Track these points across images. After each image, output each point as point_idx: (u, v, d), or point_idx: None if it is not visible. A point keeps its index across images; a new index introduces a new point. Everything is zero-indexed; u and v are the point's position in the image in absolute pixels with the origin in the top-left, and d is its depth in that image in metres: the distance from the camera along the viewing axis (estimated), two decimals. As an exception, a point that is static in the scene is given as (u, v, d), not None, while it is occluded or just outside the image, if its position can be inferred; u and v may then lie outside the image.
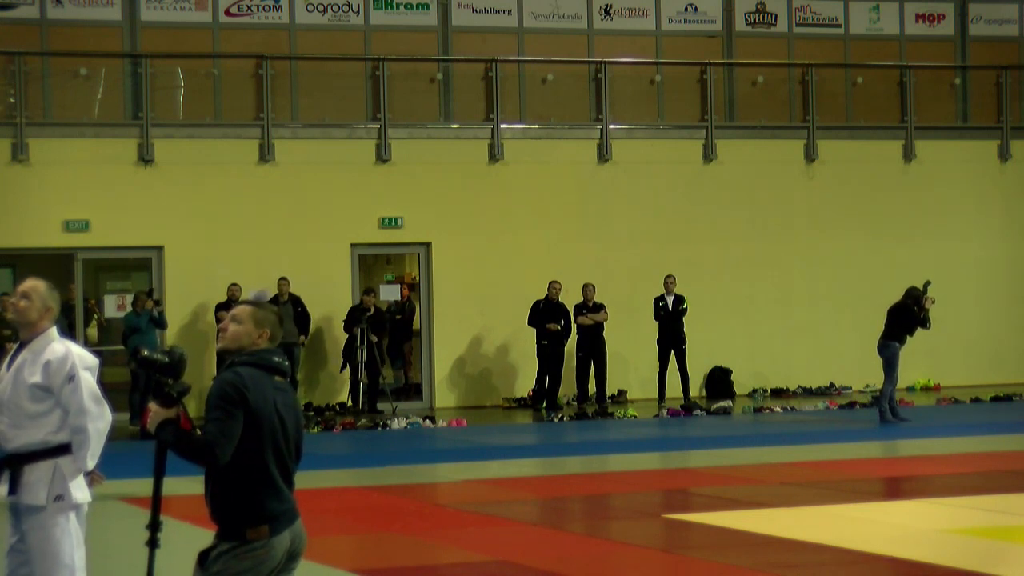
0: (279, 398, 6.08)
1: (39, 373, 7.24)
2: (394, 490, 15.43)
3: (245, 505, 5.94)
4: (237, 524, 5.93)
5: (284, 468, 6.06)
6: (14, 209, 22.86)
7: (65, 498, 7.23)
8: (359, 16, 25.35)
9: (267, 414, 5.99)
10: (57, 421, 7.25)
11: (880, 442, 19.57)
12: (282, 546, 6.01)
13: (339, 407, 23.91)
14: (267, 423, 5.98)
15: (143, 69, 23.66)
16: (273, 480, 5.99)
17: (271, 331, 6.17)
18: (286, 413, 6.08)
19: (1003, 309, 27.44)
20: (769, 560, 10.89)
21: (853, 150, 26.87)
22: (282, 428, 6.05)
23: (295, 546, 6.10)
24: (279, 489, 6.01)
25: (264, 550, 5.94)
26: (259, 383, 6.01)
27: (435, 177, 24.72)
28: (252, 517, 5.94)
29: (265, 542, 5.94)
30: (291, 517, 6.07)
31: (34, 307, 7.35)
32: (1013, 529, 12.31)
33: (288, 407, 6.12)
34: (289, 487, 6.08)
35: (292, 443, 6.13)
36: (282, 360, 6.17)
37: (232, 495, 5.95)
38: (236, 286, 22.63)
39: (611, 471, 17.41)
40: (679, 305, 24.09)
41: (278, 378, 6.13)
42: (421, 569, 11.05)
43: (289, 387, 6.25)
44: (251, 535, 5.92)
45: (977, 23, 28.57)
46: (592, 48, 26.44)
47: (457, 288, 23.60)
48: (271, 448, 6.00)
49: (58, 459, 7.24)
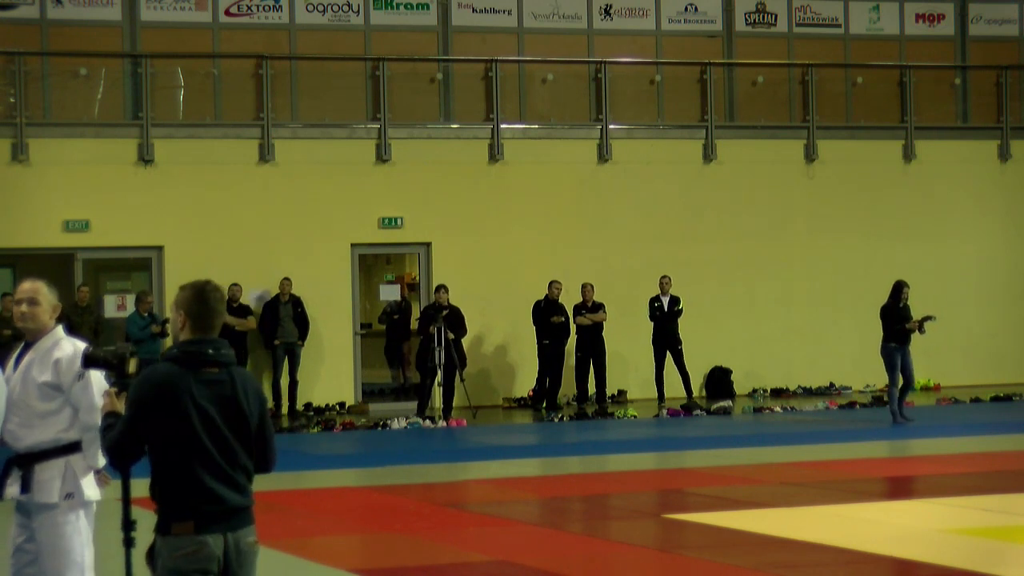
0: (203, 392, 5.79)
1: (49, 372, 7.27)
2: (394, 490, 15.43)
3: (170, 500, 5.81)
4: (164, 517, 5.81)
5: (215, 467, 5.78)
6: (14, 209, 22.86)
7: (76, 496, 7.26)
8: (359, 16, 25.35)
9: (179, 411, 5.74)
10: (67, 419, 7.28)
11: (880, 442, 19.56)
12: (217, 546, 5.78)
13: (339, 407, 23.93)
14: (179, 421, 5.75)
15: (143, 69, 23.66)
16: (198, 479, 5.75)
17: (190, 320, 5.86)
18: (215, 408, 5.80)
19: (1003, 309, 27.44)
20: (769, 560, 10.89)
21: (853, 150, 26.88)
22: (206, 424, 5.78)
23: (230, 559, 5.81)
24: (207, 488, 5.76)
25: (195, 547, 5.75)
26: (171, 380, 5.78)
27: (435, 177, 24.72)
28: (176, 512, 5.78)
29: (192, 538, 5.75)
30: (226, 519, 5.82)
31: (44, 310, 7.36)
32: (1013, 529, 12.31)
33: (219, 400, 5.81)
34: (231, 487, 5.82)
35: (234, 439, 5.83)
36: (211, 351, 5.84)
37: (158, 488, 5.83)
38: (236, 286, 22.63)
39: (611, 471, 17.41)
40: (674, 306, 24.10)
41: (211, 369, 5.85)
42: (421, 569, 11.05)
43: (229, 377, 5.88)
44: (176, 529, 5.77)
45: (977, 23, 28.57)
46: (592, 48, 26.44)
47: (457, 288, 23.59)
48: (191, 446, 5.75)
49: (69, 457, 7.27)
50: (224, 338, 6.02)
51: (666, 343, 24.10)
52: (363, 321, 25.45)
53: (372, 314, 26.79)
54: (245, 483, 5.92)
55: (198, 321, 5.90)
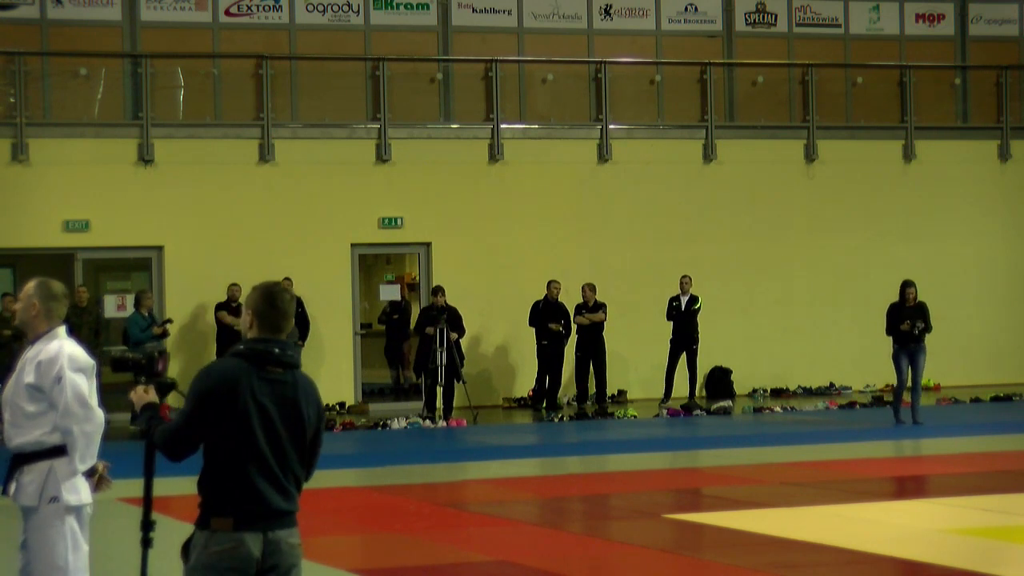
0: (265, 389, 5.78)
1: (32, 373, 7.26)
2: (394, 490, 15.43)
3: (213, 494, 5.77)
4: (205, 511, 5.78)
5: (266, 467, 5.75)
6: (14, 209, 22.85)
7: (59, 499, 7.21)
8: (359, 16, 25.36)
9: (238, 406, 5.72)
10: (51, 422, 7.24)
11: (880, 442, 19.57)
12: (255, 545, 5.73)
13: (339, 407, 23.94)
14: (238, 415, 5.71)
15: (143, 69, 23.65)
16: (246, 476, 5.71)
17: (257, 319, 5.87)
18: (274, 407, 5.78)
19: (1003, 309, 27.44)
20: (769, 560, 10.89)
21: (853, 150, 26.88)
22: (264, 422, 5.76)
23: (269, 560, 5.76)
24: (253, 487, 5.73)
25: (232, 544, 5.70)
26: (235, 374, 5.76)
27: (435, 177, 24.72)
28: (217, 506, 5.75)
29: (230, 535, 5.70)
30: (265, 520, 5.76)
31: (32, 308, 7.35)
32: (1013, 529, 12.32)
33: (280, 400, 5.80)
34: (278, 490, 5.78)
35: (289, 441, 5.81)
36: (278, 350, 5.84)
37: (205, 481, 5.80)
38: (236, 286, 22.63)
39: (611, 471, 17.41)
40: (692, 305, 24.00)
41: (276, 369, 5.83)
42: (421, 569, 11.05)
43: (292, 379, 5.87)
44: (215, 524, 5.72)
45: (977, 23, 28.57)
46: (592, 48, 26.44)
47: (457, 288, 23.60)
48: (245, 442, 5.72)
49: (53, 460, 7.23)
50: (232, 337, 6.04)
51: (683, 342, 23.98)
52: (363, 321, 25.45)
53: (372, 314, 26.80)
54: (293, 490, 5.86)
55: (265, 321, 5.88)
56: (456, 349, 22.58)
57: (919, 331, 20.53)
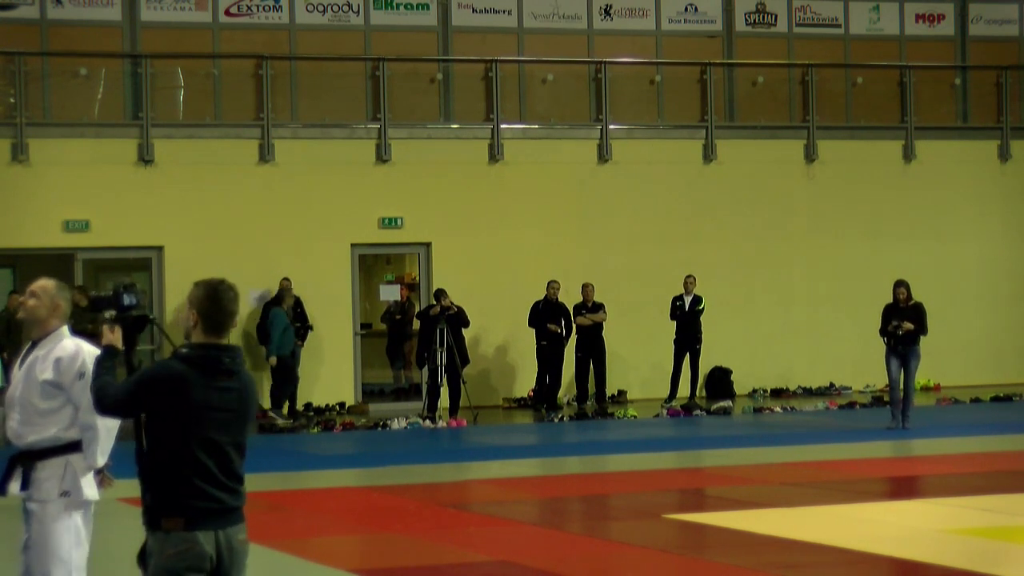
0: (213, 397, 5.80)
1: (50, 370, 7.31)
2: (394, 490, 15.43)
3: (161, 495, 5.77)
4: (155, 512, 5.78)
5: (211, 472, 5.77)
6: (14, 209, 22.86)
7: (73, 494, 7.28)
8: (359, 16, 25.36)
9: (188, 414, 5.74)
10: (68, 418, 7.30)
11: (880, 442, 19.55)
12: (209, 544, 5.74)
13: (339, 407, 23.94)
14: (186, 422, 5.73)
15: (143, 69, 23.66)
16: (192, 479, 5.73)
17: (201, 319, 5.88)
18: (221, 412, 5.81)
19: (1003, 309, 27.45)
20: (769, 560, 10.89)
21: (853, 150, 26.88)
22: (213, 430, 5.79)
23: (223, 558, 5.79)
24: (200, 488, 5.75)
25: (187, 545, 5.71)
26: (187, 379, 5.76)
27: (435, 177, 24.72)
28: (166, 507, 5.75)
29: (184, 535, 5.72)
30: (217, 517, 5.79)
31: (43, 305, 7.42)
32: (1013, 529, 12.31)
33: (226, 406, 5.83)
34: (224, 489, 5.80)
35: (231, 445, 5.84)
36: (227, 359, 5.86)
37: (151, 483, 5.80)
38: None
39: (611, 471, 17.41)
40: (696, 305, 23.97)
41: (225, 379, 5.85)
42: (421, 569, 11.05)
43: (239, 385, 5.90)
44: (167, 525, 5.74)
45: (977, 23, 28.58)
46: (592, 48, 26.44)
47: (457, 288, 23.60)
48: (193, 448, 5.73)
49: (69, 456, 7.30)
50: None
51: (687, 343, 23.94)
52: (363, 321, 25.45)
53: (372, 314, 26.80)
54: (239, 487, 5.91)
55: (209, 321, 5.91)
56: (460, 350, 22.50)
57: (904, 332, 19.97)
